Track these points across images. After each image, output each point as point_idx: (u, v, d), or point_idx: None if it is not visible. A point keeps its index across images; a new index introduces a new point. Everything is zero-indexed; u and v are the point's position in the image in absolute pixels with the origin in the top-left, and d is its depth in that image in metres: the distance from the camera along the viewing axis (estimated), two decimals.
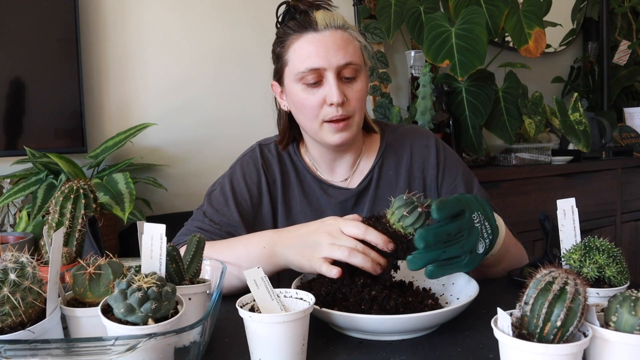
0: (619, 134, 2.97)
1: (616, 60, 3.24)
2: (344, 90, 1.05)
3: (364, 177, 1.18)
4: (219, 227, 1.12)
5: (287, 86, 1.10)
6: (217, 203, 1.15)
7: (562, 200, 0.82)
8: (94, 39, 1.91)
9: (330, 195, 1.17)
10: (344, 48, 1.04)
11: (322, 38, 1.04)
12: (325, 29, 1.04)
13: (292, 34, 1.07)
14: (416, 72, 2.49)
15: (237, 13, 2.18)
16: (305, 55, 1.04)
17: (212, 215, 1.14)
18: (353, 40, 1.07)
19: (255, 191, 1.16)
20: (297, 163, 1.20)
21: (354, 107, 1.07)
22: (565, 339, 0.56)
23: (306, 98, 1.06)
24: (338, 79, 1.04)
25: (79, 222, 0.91)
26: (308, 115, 1.08)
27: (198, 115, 2.10)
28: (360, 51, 1.09)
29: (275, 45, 1.13)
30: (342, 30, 1.06)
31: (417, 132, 1.22)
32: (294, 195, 1.18)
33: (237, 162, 1.21)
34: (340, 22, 1.06)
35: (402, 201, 0.81)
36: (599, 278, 0.76)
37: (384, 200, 1.16)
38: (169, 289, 0.63)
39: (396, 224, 0.81)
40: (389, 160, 1.19)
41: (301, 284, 0.89)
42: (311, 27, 1.05)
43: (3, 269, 0.60)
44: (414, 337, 0.77)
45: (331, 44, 1.04)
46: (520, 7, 2.39)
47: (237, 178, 1.17)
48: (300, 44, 1.05)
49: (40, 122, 1.76)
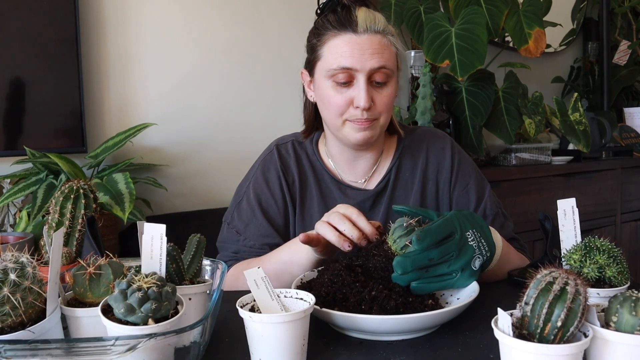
0: (619, 134, 2.97)
1: (616, 60, 3.24)
2: (373, 94, 1.04)
3: (382, 178, 1.17)
4: (253, 242, 1.13)
5: (317, 80, 1.10)
6: (245, 216, 1.16)
7: (563, 201, 0.82)
8: (94, 39, 1.91)
9: (348, 196, 1.16)
10: (379, 52, 1.03)
11: (359, 40, 1.02)
12: (365, 32, 1.03)
13: (331, 29, 1.05)
14: (416, 72, 2.49)
15: (237, 13, 2.18)
16: (340, 54, 1.03)
17: (243, 230, 1.14)
18: (390, 46, 1.06)
19: (279, 194, 1.16)
20: (315, 163, 1.19)
21: (379, 112, 1.06)
22: (565, 339, 0.56)
23: (333, 96, 1.05)
24: (368, 82, 1.03)
25: (79, 222, 0.91)
26: (332, 112, 1.07)
27: (198, 115, 2.10)
28: (396, 57, 1.08)
29: (311, 35, 1.11)
30: (381, 35, 1.04)
31: (434, 134, 1.22)
32: (312, 196, 1.17)
33: (257, 167, 1.20)
34: (381, 27, 1.05)
35: (402, 230, 0.82)
36: (600, 278, 0.76)
37: (400, 201, 1.17)
38: (169, 289, 0.63)
39: (398, 251, 0.82)
40: (406, 162, 1.19)
41: (301, 284, 0.89)
42: (351, 27, 1.03)
43: (3, 269, 0.60)
44: (414, 337, 0.77)
45: (367, 47, 1.02)
46: (520, 7, 2.39)
47: (259, 185, 1.17)
48: (337, 42, 1.04)
49: (40, 122, 1.76)
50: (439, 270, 0.80)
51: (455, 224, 0.82)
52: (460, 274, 0.81)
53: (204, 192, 2.11)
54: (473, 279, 0.83)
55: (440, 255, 0.80)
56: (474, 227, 0.84)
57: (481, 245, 0.84)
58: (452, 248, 0.80)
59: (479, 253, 0.83)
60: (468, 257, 0.82)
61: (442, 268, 0.80)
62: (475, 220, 0.86)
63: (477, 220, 0.86)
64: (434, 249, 0.79)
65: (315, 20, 1.11)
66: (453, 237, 0.81)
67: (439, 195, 1.18)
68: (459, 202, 1.16)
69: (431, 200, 1.17)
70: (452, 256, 0.80)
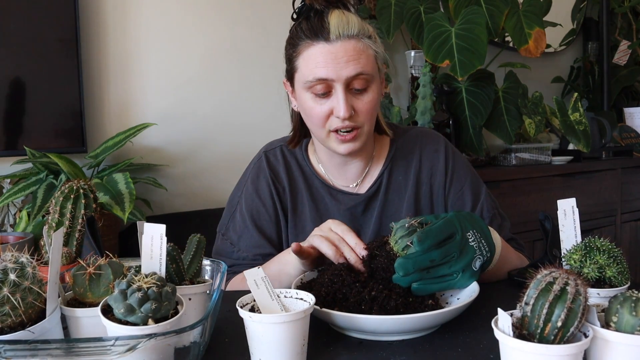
0: (619, 134, 2.97)
1: (616, 60, 3.24)
2: (353, 102, 1.02)
3: (373, 182, 1.16)
4: (247, 254, 1.13)
5: (297, 91, 1.08)
6: (239, 227, 1.16)
7: (563, 201, 0.82)
8: (94, 39, 1.91)
9: (339, 201, 1.15)
10: (355, 59, 1.00)
11: (332, 49, 0.99)
12: (337, 39, 0.99)
13: (304, 39, 1.02)
14: (416, 72, 2.49)
15: (237, 13, 2.18)
16: (314, 65, 1.00)
17: (236, 242, 1.15)
18: (367, 49, 1.02)
19: (270, 203, 1.15)
20: (305, 168, 1.18)
21: (362, 119, 1.04)
22: (565, 339, 0.56)
23: (313, 107, 1.04)
24: (347, 90, 1.01)
25: (79, 222, 0.91)
26: (315, 124, 1.06)
27: (198, 115, 2.10)
28: (374, 59, 1.04)
29: (287, 44, 1.08)
30: (355, 40, 1.00)
31: (427, 136, 1.20)
32: (303, 202, 1.16)
33: (247, 177, 1.19)
34: (355, 30, 1.01)
35: (404, 230, 0.82)
36: (600, 278, 0.76)
37: (393, 205, 1.15)
38: (169, 289, 0.63)
39: (400, 252, 0.82)
40: (398, 165, 1.17)
41: (301, 284, 0.89)
42: (322, 35, 1.00)
43: (3, 269, 0.60)
44: (414, 337, 0.77)
45: (342, 55, 0.99)
46: (520, 7, 2.39)
47: (250, 195, 1.17)
48: (310, 52, 1.01)
49: (40, 122, 1.76)
50: (440, 271, 0.80)
51: (456, 224, 0.82)
52: (461, 275, 0.81)
53: (204, 192, 2.11)
54: (473, 280, 0.83)
55: (441, 256, 0.79)
56: (474, 227, 0.84)
57: (482, 245, 0.84)
58: (454, 249, 0.80)
59: (480, 254, 0.83)
60: (469, 258, 0.82)
61: (443, 269, 0.80)
62: (475, 221, 0.86)
63: (477, 221, 0.86)
64: (435, 250, 0.79)
65: (290, 28, 1.08)
66: (454, 237, 0.81)
67: (433, 199, 1.16)
68: (455, 205, 1.15)
69: (425, 203, 1.16)
70: (453, 257, 0.80)
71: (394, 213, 1.14)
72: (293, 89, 1.10)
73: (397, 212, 1.15)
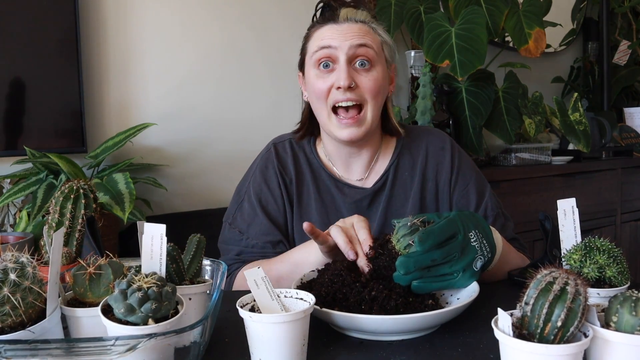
0: (619, 134, 2.97)
1: (616, 60, 3.24)
2: (355, 76, 1.06)
3: (380, 177, 1.17)
4: (256, 241, 1.13)
5: (306, 74, 1.13)
6: (247, 215, 1.16)
7: (563, 200, 0.82)
8: (94, 39, 1.91)
9: (345, 194, 1.16)
10: (359, 35, 1.07)
11: (340, 28, 1.09)
12: (345, 21, 1.09)
13: (315, 26, 1.13)
14: (416, 72, 2.49)
15: (237, 13, 2.18)
16: (320, 39, 1.09)
17: (245, 229, 1.15)
18: (372, 32, 1.10)
19: (277, 192, 1.16)
20: (313, 160, 1.20)
21: (364, 95, 1.07)
22: (565, 339, 0.56)
23: (316, 82, 1.08)
24: (350, 64, 1.06)
25: (79, 222, 0.91)
26: (319, 99, 1.09)
27: (198, 115, 2.10)
28: (380, 45, 1.11)
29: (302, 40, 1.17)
30: (362, 24, 1.10)
31: (433, 134, 1.22)
32: (309, 194, 1.17)
33: (255, 166, 1.21)
34: (363, 18, 1.11)
35: (406, 229, 0.82)
36: (600, 278, 0.76)
37: (398, 200, 1.16)
38: (169, 289, 0.63)
39: (402, 250, 0.82)
40: (405, 161, 1.18)
41: (301, 284, 0.89)
42: (332, 19, 1.10)
43: (3, 269, 0.60)
44: (415, 337, 0.77)
45: (347, 30, 1.07)
46: (520, 7, 2.39)
47: (258, 184, 1.17)
48: (319, 32, 1.11)
49: (40, 122, 1.76)
50: (441, 270, 0.80)
51: (458, 224, 0.82)
52: (461, 274, 0.81)
53: (204, 192, 2.11)
54: (474, 280, 0.83)
55: (443, 255, 0.79)
56: (476, 227, 0.84)
57: (483, 246, 0.84)
58: (455, 249, 0.80)
59: (481, 254, 0.83)
60: (470, 258, 0.82)
61: (444, 268, 0.80)
62: (477, 221, 0.86)
63: (479, 221, 0.86)
64: (437, 250, 0.79)
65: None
66: (456, 237, 0.81)
67: (438, 196, 1.17)
68: (459, 202, 1.16)
69: (430, 200, 1.17)
70: (454, 257, 0.80)
71: (399, 208, 1.15)
72: (304, 77, 1.16)
73: (402, 207, 1.16)
